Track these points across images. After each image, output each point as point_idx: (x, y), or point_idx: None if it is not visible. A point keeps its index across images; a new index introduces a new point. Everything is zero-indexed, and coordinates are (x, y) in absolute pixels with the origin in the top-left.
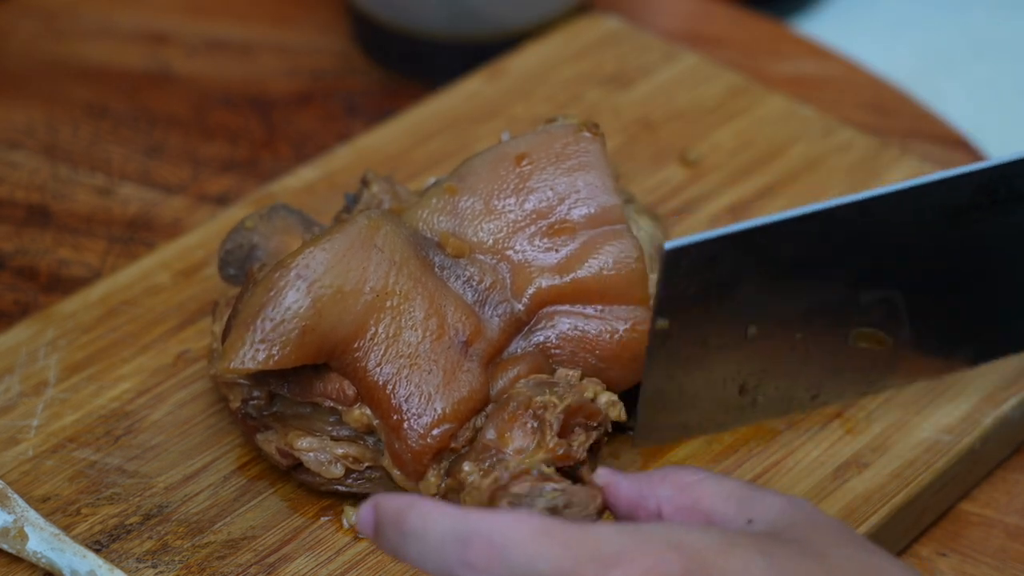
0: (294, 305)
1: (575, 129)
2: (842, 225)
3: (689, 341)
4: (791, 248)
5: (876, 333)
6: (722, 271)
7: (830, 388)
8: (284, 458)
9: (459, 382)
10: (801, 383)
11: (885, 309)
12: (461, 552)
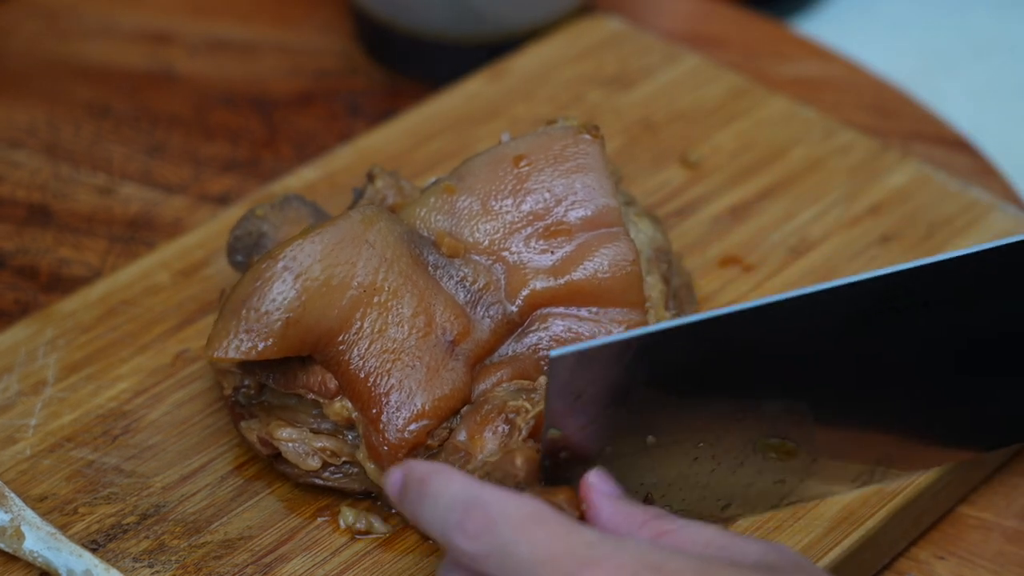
0: (279, 297)
1: (575, 131)
2: (737, 332)
3: (585, 450)
4: (684, 355)
5: (783, 444)
6: (613, 378)
7: (740, 500)
8: (264, 447)
9: (442, 380)
10: (709, 495)
11: (790, 418)
12: (461, 517)
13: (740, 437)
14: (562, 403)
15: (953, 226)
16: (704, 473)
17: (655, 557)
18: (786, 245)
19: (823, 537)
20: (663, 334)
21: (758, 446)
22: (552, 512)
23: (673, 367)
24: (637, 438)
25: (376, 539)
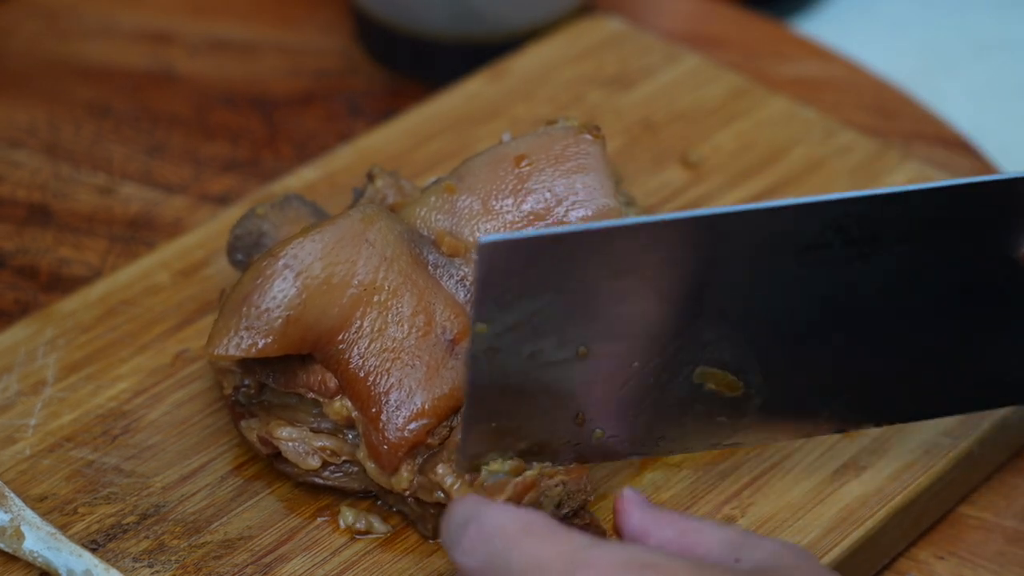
0: (280, 294)
1: (575, 131)
2: (681, 240)
3: (512, 350)
4: (622, 258)
5: (724, 375)
6: (546, 275)
7: (676, 435)
8: (264, 446)
9: (442, 379)
10: (642, 423)
11: (732, 349)
12: (459, 534)
13: (678, 360)
14: (491, 295)
15: None
16: (637, 398)
17: (648, 557)
18: None
19: (823, 537)
20: (602, 232)
21: (696, 374)
22: (545, 521)
23: (610, 270)
24: (568, 345)
25: (376, 539)
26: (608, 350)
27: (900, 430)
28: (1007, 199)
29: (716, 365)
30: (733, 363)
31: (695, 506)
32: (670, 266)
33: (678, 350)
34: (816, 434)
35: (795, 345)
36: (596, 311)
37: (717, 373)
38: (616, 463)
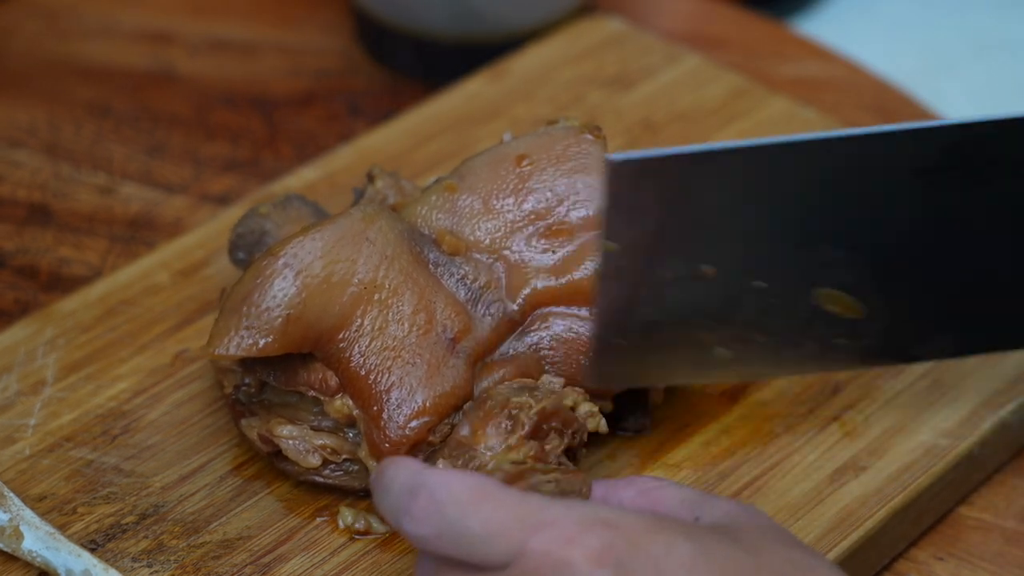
0: (280, 293)
1: (576, 131)
2: (805, 162)
3: (639, 270)
4: (748, 180)
5: (844, 296)
6: (673, 194)
7: (792, 356)
8: (265, 444)
9: (442, 377)
10: (756, 346)
11: (853, 271)
12: (408, 503)
13: (798, 279)
14: (619, 213)
15: None
16: (761, 319)
17: (607, 514)
18: None
19: (822, 537)
20: (729, 152)
21: (816, 295)
22: (496, 485)
23: (733, 190)
24: (692, 264)
25: (375, 539)
26: (730, 270)
27: (898, 431)
28: None
29: (836, 286)
30: (853, 284)
31: None
32: (790, 187)
33: (799, 269)
34: (927, 359)
35: (914, 270)
36: (720, 230)
37: (836, 294)
38: (614, 465)
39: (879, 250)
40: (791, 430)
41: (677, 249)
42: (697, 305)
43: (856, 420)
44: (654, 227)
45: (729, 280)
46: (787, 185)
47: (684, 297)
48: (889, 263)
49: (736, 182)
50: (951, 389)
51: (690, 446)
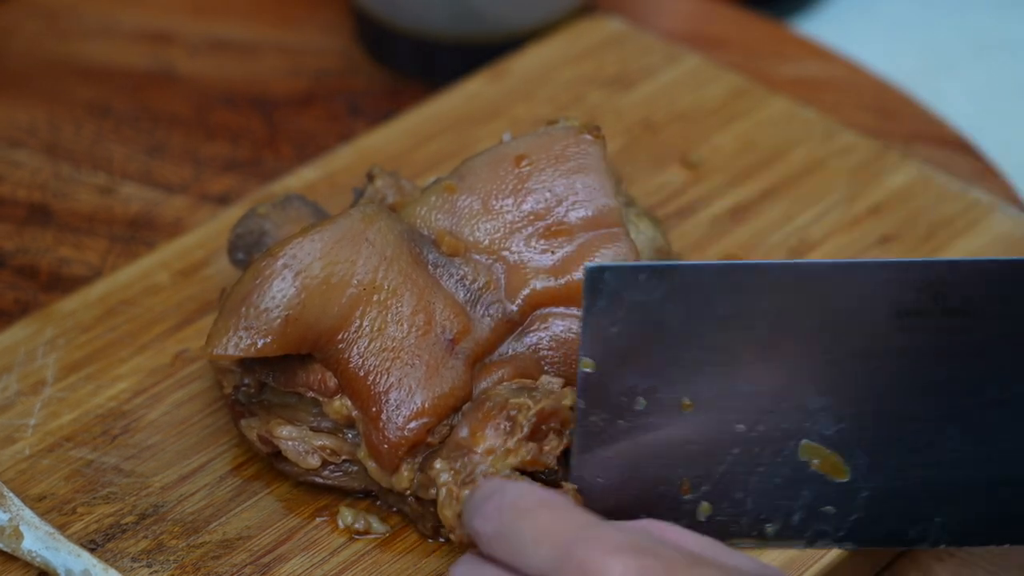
0: (279, 294)
1: (576, 131)
2: (780, 286)
3: (618, 393)
4: (727, 302)
5: (828, 453)
6: (652, 309)
7: (781, 521)
8: (264, 445)
9: (441, 378)
10: (747, 501)
11: (836, 423)
12: (483, 502)
13: (782, 429)
14: (598, 327)
15: (954, 227)
16: (743, 470)
17: (649, 543)
18: (786, 246)
19: None
20: (700, 269)
21: (801, 448)
22: (562, 500)
23: (709, 312)
24: (673, 393)
25: (375, 539)
26: (711, 405)
27: None
28: None
29: (820, 440)
30: (837, 440)
31: None
32: (773, 320)
33: (782, 417)
34: (926, 545)
35: (900, 426)
36: (700, 359)
37: (821, 449)
38: None
39: (861, 401)
40: None
41: (653, 372)
42: (675, 444)
43: None
44: (630, 344)
45: (708, 417)
46: (765, 311)
47: (662, 432)
48: (872, 417)
49: (712, 304)
50: None
51: None
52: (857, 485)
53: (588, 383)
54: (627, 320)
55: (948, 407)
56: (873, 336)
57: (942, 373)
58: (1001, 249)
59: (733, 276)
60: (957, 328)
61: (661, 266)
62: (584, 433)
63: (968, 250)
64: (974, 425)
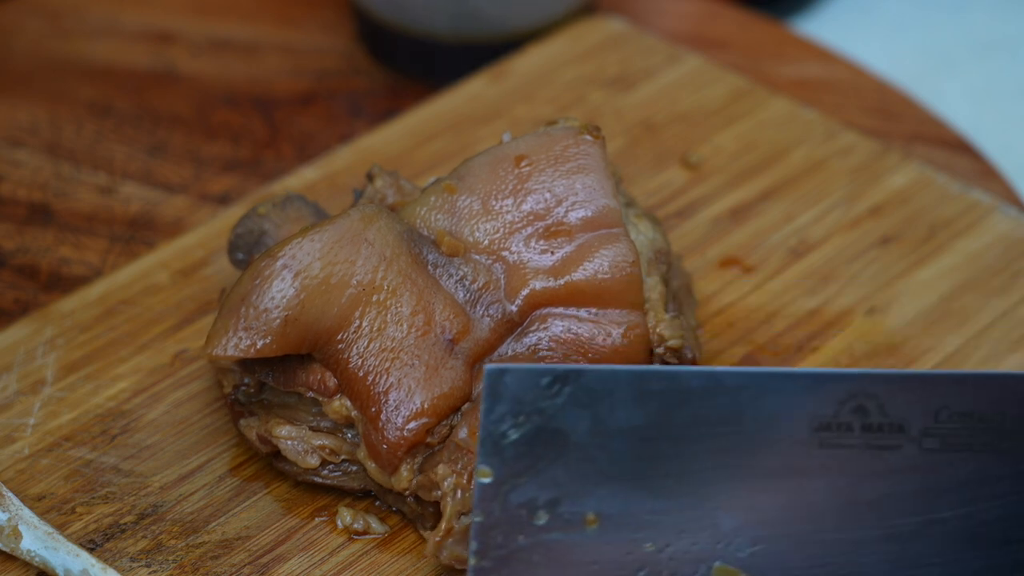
0: (279, 295)
1: (576, 132)
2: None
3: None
4: (635, 410)
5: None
6: (554, 416)
7: None
8: (263, 444)
9: (441, 378)
10: None
11: (753, 546)
12: None
13: (693, 548)
14: (497, 433)
15: (954, 228)
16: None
17: None
18: (786, 246)
19: None
20: (606, 376)
21: (715, 572)
22: None
23: (616, 421)
24: (576, 509)
25: (373, 539)
26: (618, 522)
27: None
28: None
29: (735, 563)
30: (751, 563)
31: None
32: (681, 427)
33: (694, 538)
34: None
35: (821, 550)
36: (606, 471)
37: (737, 573)
38: None
39: (778, 523)
40: None
41: (555, 483)
42: (579, 564)
43: None
44: (531, 452)
45: (614, 535)
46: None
47: (565, 551)
48: (790, 540)
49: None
50: None
51: None
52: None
53: (485, 495)
54: (527, 427)
55: (870, 530)
56: (791, 452)
57: (864, 493)
58: (1001, 249)
59: (642, 383)
60: (879, 445)
61: (564, 370)
62: (481, 550)
63: (968, 251)
64: (896, 551)
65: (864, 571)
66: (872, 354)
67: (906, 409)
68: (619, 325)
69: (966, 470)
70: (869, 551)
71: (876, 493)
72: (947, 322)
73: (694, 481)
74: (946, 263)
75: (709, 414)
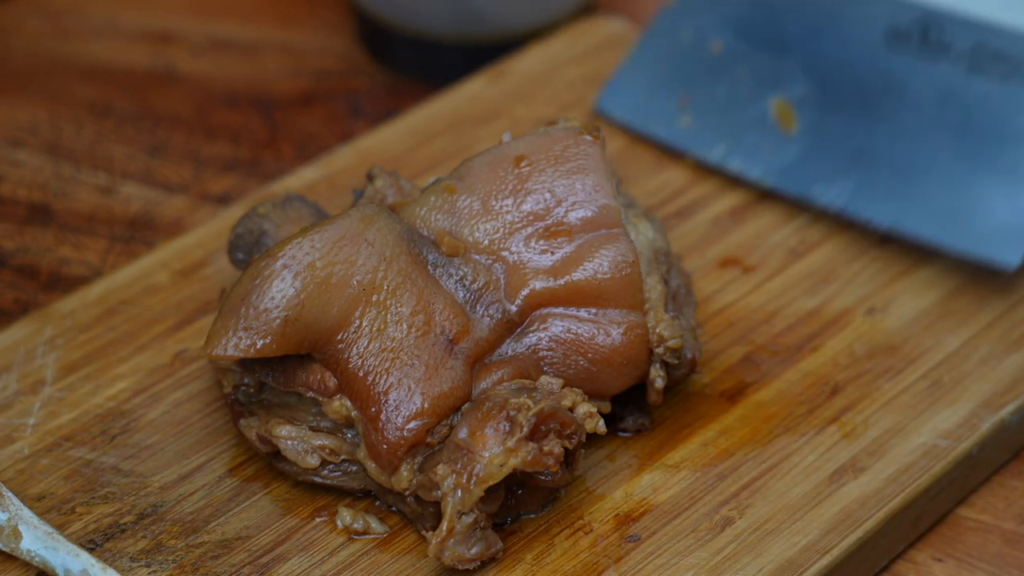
0: (279, 295)
1: (575, 132)
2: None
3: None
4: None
5: (788, 106)
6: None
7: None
8: (263, 444)
9: (441, 378)
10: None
11: (806, 89)
12: None
13: (759, 87)
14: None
15: None
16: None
17: None
18: (786, 246)
19: (821, 539)
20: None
21: (768, 104)
22: None
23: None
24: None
25: (373, 539)
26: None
27: (898, 433)
28: None
29: (786, 96)
30: (795, 95)
31: (693, 507)
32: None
33: (763, 77)
34: (824, 202)
35: (858, 121)
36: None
37: (784, 105)
38: (613, 466)
39: (833, 79)
40: (790, 431)
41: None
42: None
43: (855, 421)
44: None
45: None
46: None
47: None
48: (838, 93)
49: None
50: (950, 390)
51: (689, 447)
52: (797, 140)
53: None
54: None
55: (891, 102)
56: (860, 42)
57: (899, 84)
58: None
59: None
60: (935, 61)
61: None
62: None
63: None
64: (911, 121)
65: (877, 141)
66: (872, 354)
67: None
68: (619, 325)
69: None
70: (889, 129)
71: (906, 88)
72: (947, 322)
73: (775, 49)
74: (946, 263)
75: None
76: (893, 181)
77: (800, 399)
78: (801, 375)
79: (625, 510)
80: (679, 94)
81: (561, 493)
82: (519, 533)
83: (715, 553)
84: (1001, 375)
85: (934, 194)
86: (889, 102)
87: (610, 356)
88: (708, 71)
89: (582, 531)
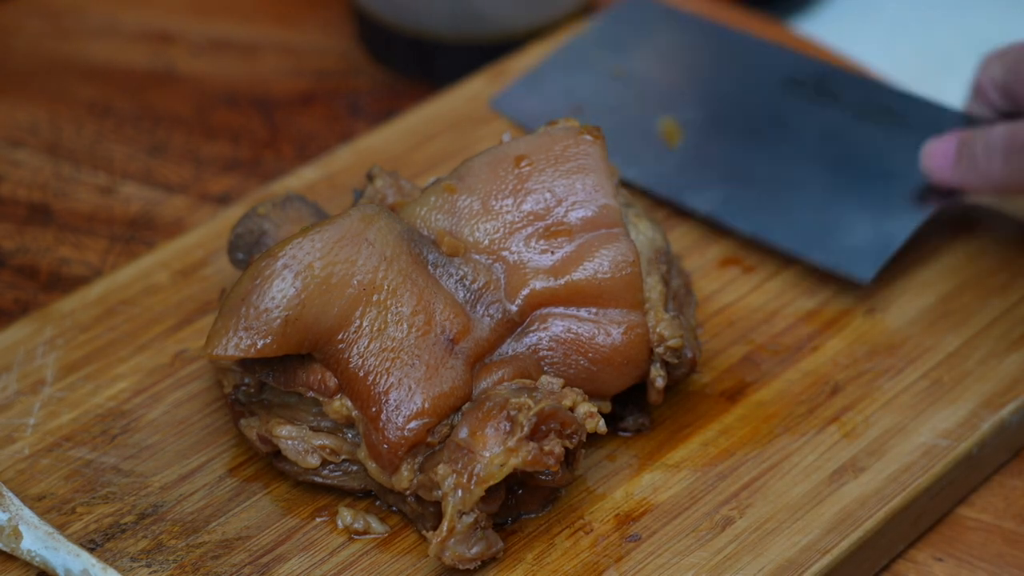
0: (279, 294)
1: (576, 132)
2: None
3: None
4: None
5: (674, 124)
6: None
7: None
8: (264, 444)
9: (441, 378)
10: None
11: (697, 114)
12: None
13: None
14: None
15: (953, 228)
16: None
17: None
18: None
19: (821, 538)
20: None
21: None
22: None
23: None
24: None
25: (374, 539)
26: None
27: (898, 432)
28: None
29: (675, 116)
30: (684, 118)
31: (694, 507)
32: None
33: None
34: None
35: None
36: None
37: (671, 123)
38: (613, 466)
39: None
40: (790, 431)
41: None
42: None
43: (855, 421)
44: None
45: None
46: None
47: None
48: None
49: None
50: (950, 390)
51: (689, 446)
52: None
53: None
54: None
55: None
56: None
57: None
58: (999, 250)
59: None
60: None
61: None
62: None
63: (967, 250)
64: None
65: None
66: (872, 354)
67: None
68: (619, 325)
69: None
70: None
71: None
72: (947, 322)
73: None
74: (946, 263)
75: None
76: (762, 196)
77: (800, 399)
78: (801, 375)
79: (625, 510)
80: (573, 103)
81: (561, 493)
82: (519, 533)
83: (715, 553)
84: (1001, 375)
85: (800, 211)
86: (775, 132)
87: (610, 356)
88: (605, 88)
89: (583, 531)
